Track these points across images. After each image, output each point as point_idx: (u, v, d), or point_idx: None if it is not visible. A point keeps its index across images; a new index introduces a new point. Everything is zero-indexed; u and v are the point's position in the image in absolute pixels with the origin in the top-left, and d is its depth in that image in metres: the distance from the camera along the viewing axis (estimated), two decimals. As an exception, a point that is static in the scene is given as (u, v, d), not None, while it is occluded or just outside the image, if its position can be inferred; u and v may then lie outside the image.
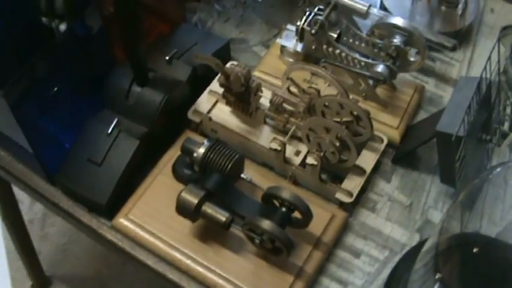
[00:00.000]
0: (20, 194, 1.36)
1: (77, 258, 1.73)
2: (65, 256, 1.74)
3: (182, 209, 0.83)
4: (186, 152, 0.88)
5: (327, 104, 0.90)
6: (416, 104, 1.03)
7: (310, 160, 0.89)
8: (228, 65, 1.00)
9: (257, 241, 0.82)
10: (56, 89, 0.99)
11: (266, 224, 0.79)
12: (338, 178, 0.96)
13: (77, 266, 1.73)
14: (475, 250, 0.78)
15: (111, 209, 0.92)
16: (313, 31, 0.95)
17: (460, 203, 0.75)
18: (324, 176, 0.95)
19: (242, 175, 0.88)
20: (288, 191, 0.82)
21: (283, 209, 0.83)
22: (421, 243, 0.90)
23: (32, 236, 1.53)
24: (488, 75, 0.90)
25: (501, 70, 0.98)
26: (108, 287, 1.70)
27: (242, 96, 0.93)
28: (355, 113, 0.89)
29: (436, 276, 0.73)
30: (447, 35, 1.05)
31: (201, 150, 0.86)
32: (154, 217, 0.90)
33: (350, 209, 0.93)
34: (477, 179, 0.76)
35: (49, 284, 1.68)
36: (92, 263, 1.71)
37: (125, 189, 0.93)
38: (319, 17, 0.95)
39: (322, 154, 0.89)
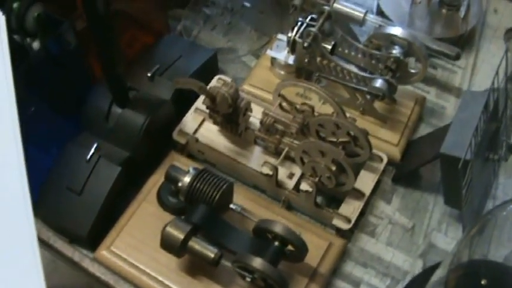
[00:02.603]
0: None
1: (67, 269, 1.67)
2: (54, 268, 1.67)
3: (167, 244, 0.77)
4: (171, 180, 0.82)
5: (321, 123, 0.84)
6: (417, 117, 0.96)
7: (304, 186, 0.83)
8: (213, 82, 0.94)
9: (248, 279, 0.75)
10: (32, 109, 0.92)
11: (257, 262, 0.73)
12: (335, 200, 0.90)
13: (67, 277, 1.66)
14: (483, 282, 0.73)
15: (93, 240, 0.86)
16: (305, 44, 0.88)
17: (471, 237, 0.69)
18: (319, 199, 0.89)
19: (231, 205, 0.82)
20: (280, 224, 0.75)
21: (276, 243, 0.77)
22: (424, 272, 0.85)
23: (19, 248, 1.48)
24: (495, 87, 0.84)
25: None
26: (101, 297, 1.65)
27: (230, 116, 0.87)
28: (352, 133, 0.83)
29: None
30: (449, 41, 0.98)
31: (187, 180, 0.80)
32: (138, 249, 0.84)
33: (348, 234, 0.87)
34: (489, 214, 0.70)
35: (39, 297, 1.63)
36: (82, 275, 1.65)
37: (107, 219, 0.87)
38: (312, 29, 0.88)
39: (317, 179, 0.83)
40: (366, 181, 0.88)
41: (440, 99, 1.01)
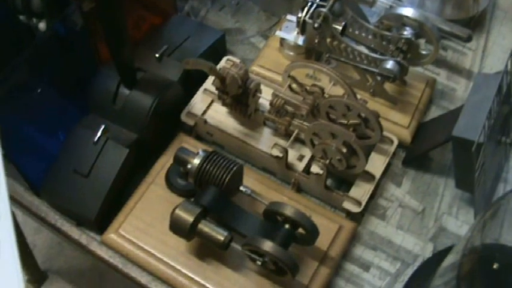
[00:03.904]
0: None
1: (73, 250, 1.67)
2: (60, 249, 1.67)
3: (176, 227, 0.76)
4: (180, 162, 0.81)
5: (332, 105, 0.83)
6: (427, 99, 0.95)
7: (315, 169, 0.82)
8: (222, 62, 0.93)
9: (259, 263, 0.75)
10: (39, 91, 0.91)
11: (268, 245, 0.72)
12: (345, 183, 0.89)
13: (73, 258, 1.66)
14: (495, 266, 0.72)
15: (100, 223, 0.85)
16: (316, 25, 0.87)
17: (484, 221, 0.68)
18: (329, 182, 0.88)
19: (241, 187, 0.81)
20: (291, 207, 0.75)
21: (287, 226, 0.76)
22: (435, 256, 0.84)
23: (25, 229, 1.47)
24: (509, 70, 0.82)
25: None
26: (106, 279, 1.64)
27: (239, 98, 0.86)
28: (363, 114, 0.82)
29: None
30: (459, 23, 0.97)
31: (196, 162, 0.79)
32: (146, 232, 0.83)
33: (358, 217, 0.86)
34: (503, 199, 0.68)
35: (45, 279, 1.62)
36: (88, 257, 1.65)
37: (115, 201, 0.86)
38: (322, 9, 0.87)
39: (327, 161, 0.82)
40: (376, 164, 0.87)
41: (450, 81, 1.00)
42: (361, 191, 0.85)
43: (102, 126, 0.86)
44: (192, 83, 0.92)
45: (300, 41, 0.93)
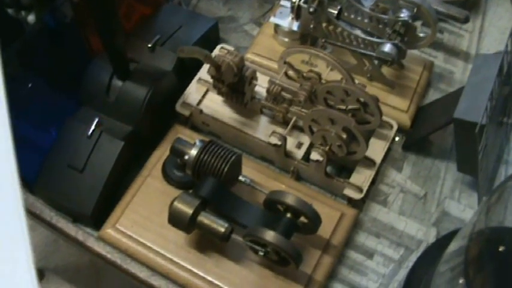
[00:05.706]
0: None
1: (69, 247, 1.65)
2: (56, 246, 1.65)
3: (175, 220, 0.75)
4: (177, 154, 0.79)
5: (330, 90, 0.81)
6: (426, 82, 0.94)
7: (314, 156, 0.80)
8: (216, 50, 0.91)
9: (261, 253, 0.73)
10: (30, 85, 0.89)
11: (270, 235, 0.71)
12: (345, 170, 0.87)
13: (70, 255, 1.64)
14: (504, 249, 0.71)
15: (97, 218, 0.83)
16: (311, 9, 0.85)
17: (489, 204, 0.67)
18: (329, 169, 0.87)
19: (240, 177, 0.79)
20: (292, 196, 0.73)
21: (288, 215, 0.74)
22: (439, 241, 0.83)
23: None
24: (509, 50, 0.81)
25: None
26: (104, 276, 1.63)
27: (235, 86, 0.84)
28: (361, 99, 0.80)
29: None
30: (456, 4, 0.96)
31: (193, 152, 0.77)
32: (144, 226, 0.81)
33: (360, 204, 0.85)
34: (510, 181, 0.67)
35: (42, 277, 1.61)
36: (84, 254, 1.63)
37: (111, 196, 0.84)
38: (317, -7, 0.85)
39: (327, 148, 0.80)
40: (376, 149, 0.85)
41: (448, 63, 0.99)
42: (361, 177, 0.83)
43: (96, 119, 0.84)
44: (186, 73, 0.90)
45: (295, 26, 0.91)
